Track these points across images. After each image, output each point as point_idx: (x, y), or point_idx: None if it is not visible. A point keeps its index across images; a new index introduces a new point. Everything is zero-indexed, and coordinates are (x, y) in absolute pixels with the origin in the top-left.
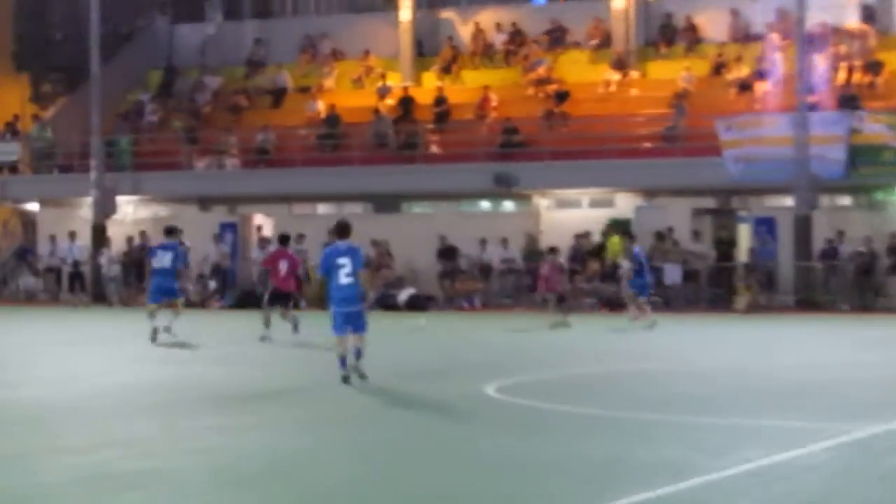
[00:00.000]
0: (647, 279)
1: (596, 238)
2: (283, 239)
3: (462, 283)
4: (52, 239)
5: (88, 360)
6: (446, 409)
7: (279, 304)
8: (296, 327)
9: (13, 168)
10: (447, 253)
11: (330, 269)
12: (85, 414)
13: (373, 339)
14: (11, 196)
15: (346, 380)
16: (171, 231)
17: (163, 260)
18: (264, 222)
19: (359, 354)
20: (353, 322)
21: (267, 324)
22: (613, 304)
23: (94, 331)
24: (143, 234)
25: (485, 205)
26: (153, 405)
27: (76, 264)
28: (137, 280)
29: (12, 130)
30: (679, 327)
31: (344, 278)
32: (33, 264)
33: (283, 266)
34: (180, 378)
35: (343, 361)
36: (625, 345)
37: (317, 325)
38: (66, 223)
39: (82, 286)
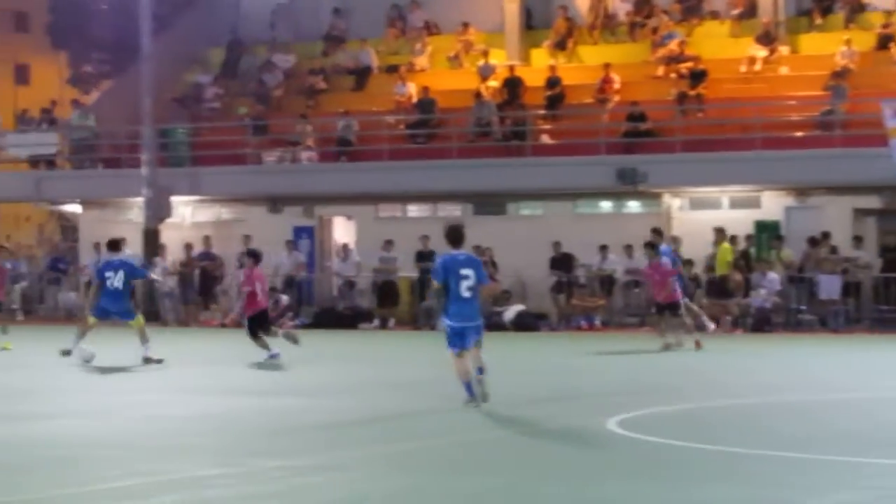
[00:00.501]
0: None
1: (741, 244)
2: (257, 255)
3: (579, 299)
4: (97, 247)
5: (138, 387)
6: (565, 445)
7: (262, 327)
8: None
9: (50, 162)
10: (561, 262)
11: (448, 279)
12: (132, 451)
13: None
14: (48, 196)
15: (470, 404)
16: (114, 245)
17: (114, 281)
18: (346, 226)
19: (481, 370)
20: (469, 339)
21: (266, 346)
22: (759, 324)
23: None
24: (207, 240)
25: (605, 205)
26: (214, 441)
27: None
28: (200, 295)
29: (49, 118)
30: (836, 350)
31: (465, 291)
32: (74, 276)
33: (258, 287)
34: (246, 409)
35: (469, 388)
36: (771, 371)
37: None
38: (112, 228)
39: (135, 302)
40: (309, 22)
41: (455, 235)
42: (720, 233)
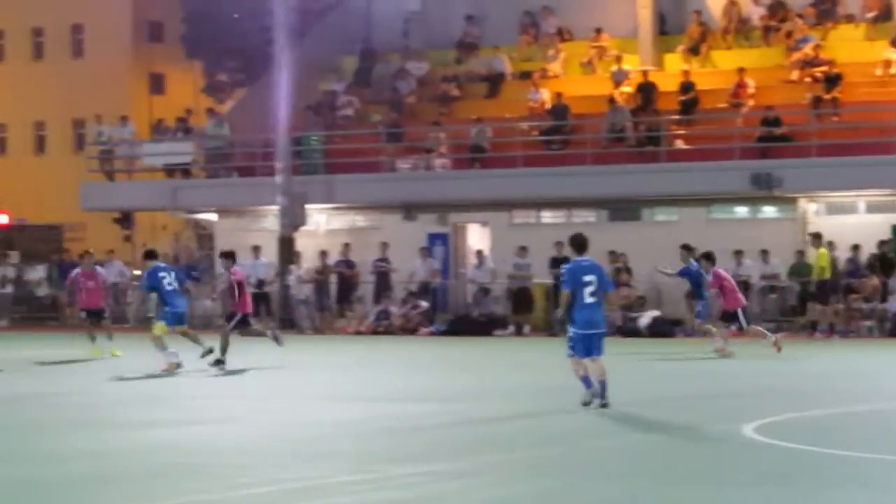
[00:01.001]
0: (706, 299)
1: (871, 249)
2: (233, 256)
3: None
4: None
5: (271, 394)
6: (701, 451)
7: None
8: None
9: (186, 171)
10: None
11: (575, 286)
12: (265, 458)
13: (611, 369)
14: (184, 204)
15: (587, 404)
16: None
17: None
18: (480, 233)
19: (603, 387)
20: (594, 346)
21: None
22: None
23: (281, 361)
24: (346, 247)
25: (740, 210)
26: (347, 447)
27: (260, 284)
28: (338, 302)
29: (184, 128)
30: None
31: (589, 297)
32: (213, 285)
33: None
34: (379, 415)
35: (587, 381)
36: None
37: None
38: (248, 236)
39: (268, 310)
40: (442, 29)
41: (579, 242)
42: (817, 238)
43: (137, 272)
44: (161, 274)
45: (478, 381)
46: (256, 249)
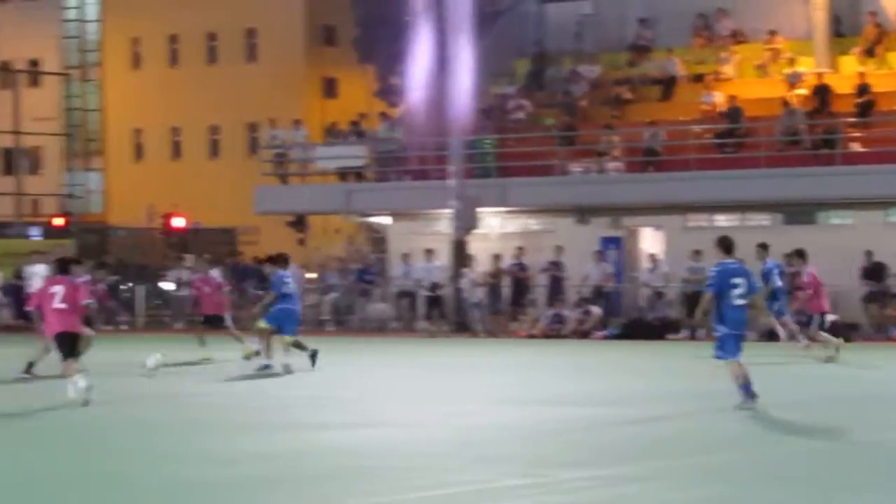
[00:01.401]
0: (783, 299)
1: None
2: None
3: (893, 309)
4: (406, 258)
5: (443, 397)
6: (867, 457)
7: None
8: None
9: (359, 175)
10: (874, 272)
11: (724, 288)
12: (438, 460)
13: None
14: (357, 208)
15: (744, 408)
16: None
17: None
18: (654, 237)
19: (748, 386)
20: (740, 346)
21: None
22: None
23: (454, 364)
24: (519, 250)
25: None
26: (520, 451)
27: (434, 287)
28: (511, 305)
29: (357, 131)
30: None
31: (738, 300)
32: (383, 288)
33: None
34: (551, 418)
35: (747, 388)
36: None
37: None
38: (421, 239)
39: (441, 313)
40: (614, 32)
41: (727, 244)
42: None
43: (310, 275)
44: (287, 279)
45: (648, 385)
46: (430, 253)
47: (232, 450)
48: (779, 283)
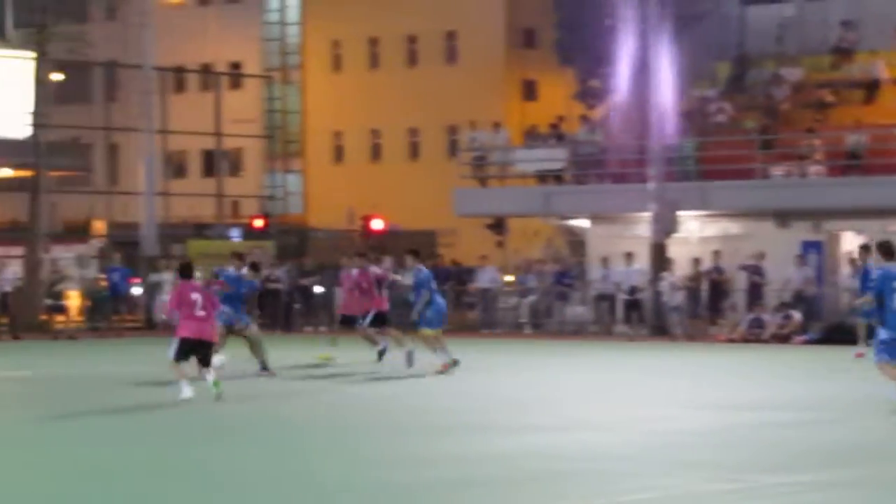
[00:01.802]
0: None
1: None
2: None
3: None
4: (604, 261)
5: (643, 401)
6: None
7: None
8: None
9: (558, 177)
10: None
11: (883, 292)
12: (639, 465)
13: None
14: (556, 210)
15: None
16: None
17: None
18: (855, 241)
19: None
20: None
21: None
22: None
23: (652, 368)
24: (716, 254)
25: None
26: (720, 456)
27: (633, 291)
28: (709, 309)
29: (556, 134)
30: None
31: None
32: (581, 291)
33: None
34: (749, 423)
35: None
36: None
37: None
38: (619, 242)
39: (640, 316)
40: (817, 34)
41: (887, 249)
42: None
43: (509, 278)
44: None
45: (845, 390)
46: (629, 256)
47: (430, 452)
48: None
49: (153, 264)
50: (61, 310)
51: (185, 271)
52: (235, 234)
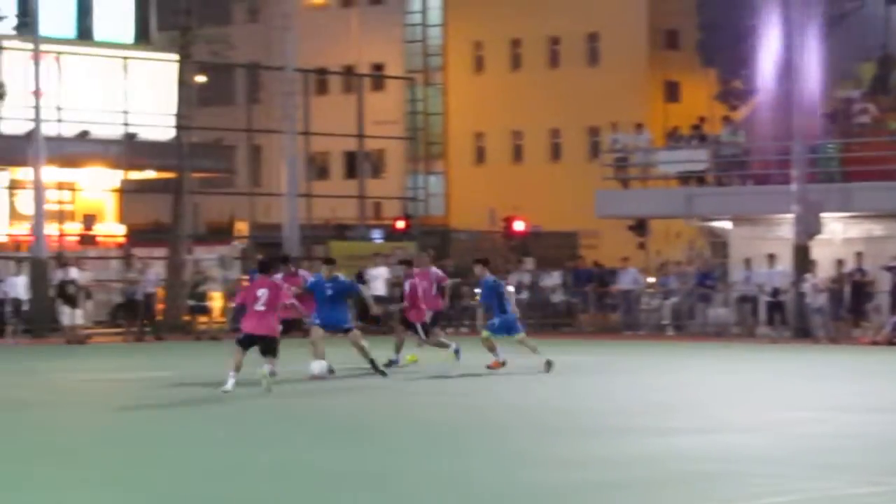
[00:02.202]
0: None
1: None
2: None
3: None
4: (747, 263)
5: (788, 403)
6: None
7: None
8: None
9: (700, 179)
10: None
11: None
12: (784, 467)
13: None
14: (698, 212)
15: None
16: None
17: None
18: None
19: None
20: None
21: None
22: None
23: (795, 370)
24: (858, 256)
25: None
26: (865, 459)
27: (775, 293)
28: (850, 312)
29: (699, 135)
30: None
31: None
32: (723, 293)
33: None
34: (891, 427)
35: None
36: None
37: None
38: (762, 244)
39: (782, 318)
40: None
41: None
42: None
43: (651, 279)
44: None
45: None
46: (772, 258)
47: (579, 454)
48: None
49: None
50: (204, 311)
51: (264, 267)
52: (377, 236)
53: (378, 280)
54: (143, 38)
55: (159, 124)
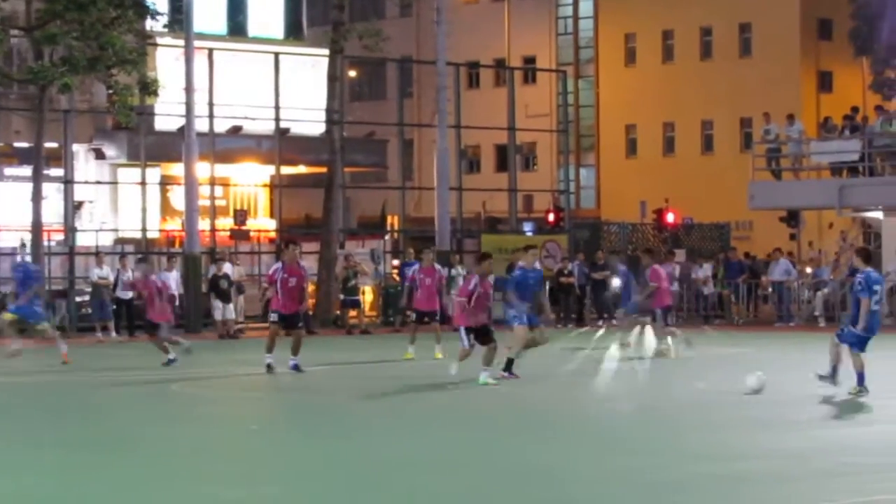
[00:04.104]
0: None
1: None
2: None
3: None
4: None
5: None
6: None
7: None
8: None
9: (853, 169)
10: None
11: None
12: None
13: None
14: (851, 203)
15: None
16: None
17: None
18: None
19: None
20: None
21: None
22: None
23: None
24: None
25: None
26: None
27: None
28: None
29: (851, 125)
30: None
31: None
32: None
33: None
34: None
35: None
36: None
37: None
38: None
39: None
40: None
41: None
42: None
43: (808, 270)
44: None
45: None
46: None
47: (746, 445)
48: None
49: (447, 259)
50: (355, 305)
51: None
52: (529, 229)
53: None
54: (294, 33)
55: (311, 119)
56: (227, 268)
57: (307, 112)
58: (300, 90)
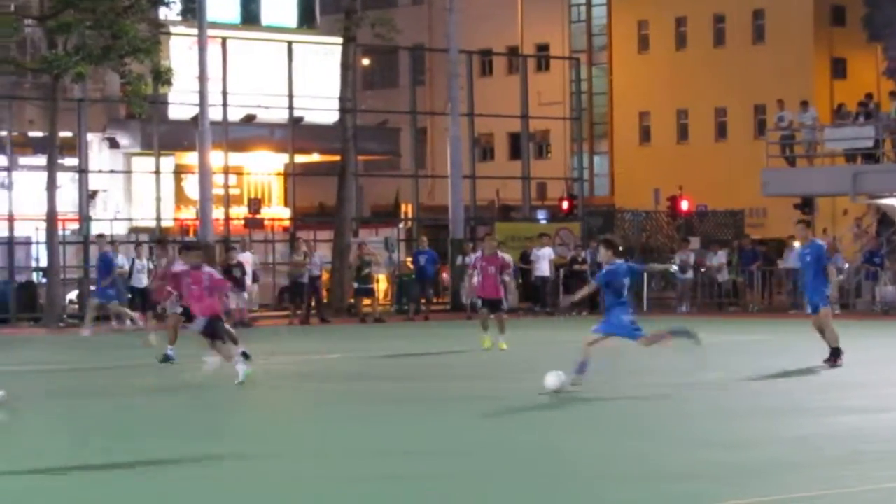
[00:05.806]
0: None
1: None
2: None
3: None
4: None
5: None
6: None
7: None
8: None
9: (867, 156)
10: None
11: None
12: None
13: None
14: (865, 189)
15: None
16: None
17: None
18: None
19: None
20: None
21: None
22: None
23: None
24: None
25: None
26: None
27: None
28: None
29: (865, 112)
30: None
31: None
32: (891, 270)
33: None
34: None
35: None
36: None
37: None
38: None
39: None
40: None
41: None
42: None
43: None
44: None
45: None
46: None
47: (758, 433)
48: None
49: (460, 247)
50: (369, 293)
51: None
52: (542, 217)
53: (543, 260)
54: (307, 22)
55: (324, 108)
56: (242, 256)
57: (320, 100)
58: (313, 78)
